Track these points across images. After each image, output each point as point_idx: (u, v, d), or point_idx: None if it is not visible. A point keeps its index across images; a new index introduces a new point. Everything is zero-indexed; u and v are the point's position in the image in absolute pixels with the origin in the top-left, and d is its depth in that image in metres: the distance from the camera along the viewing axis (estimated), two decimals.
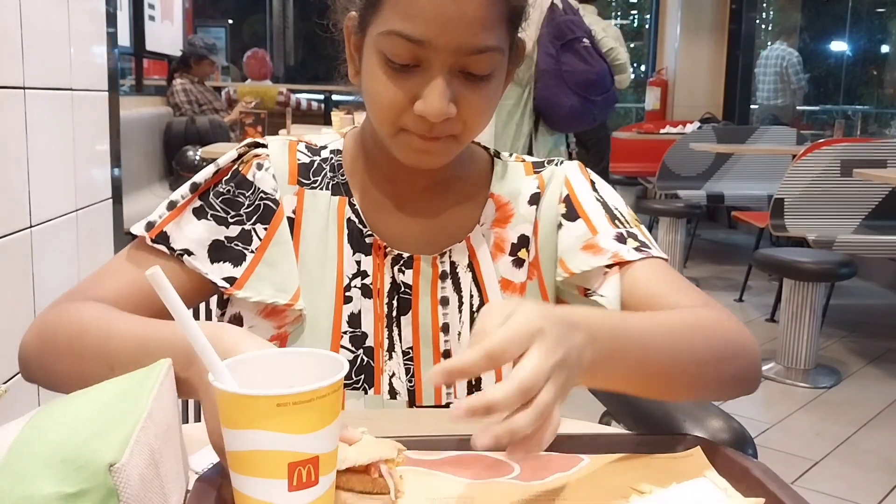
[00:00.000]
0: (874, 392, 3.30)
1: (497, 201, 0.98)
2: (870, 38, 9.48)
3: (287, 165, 0.95)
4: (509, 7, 0.83)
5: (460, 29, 0.79)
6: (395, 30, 0.80)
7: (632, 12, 12.65)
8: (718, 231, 7.23)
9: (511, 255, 0.96)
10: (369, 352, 0.92)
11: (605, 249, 0.92)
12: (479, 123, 0.87)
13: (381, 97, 0.84)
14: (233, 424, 0.55)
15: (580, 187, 0.97)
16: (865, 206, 4.05)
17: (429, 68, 0.81)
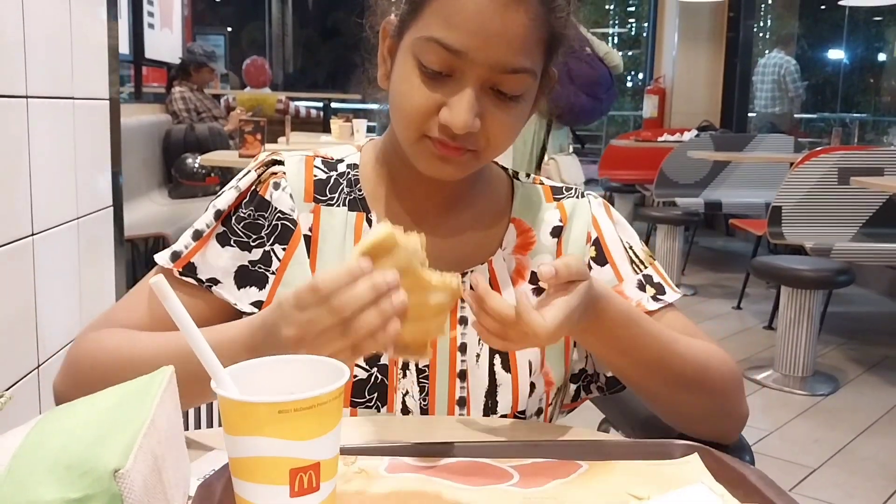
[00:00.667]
0: (872, 399, 3.31)
1: (519, 226, 0.98)
2: (867, 46, 9.52)
3: (303, 183, 0.94)
4: (549, 31, 0.83)
5: (500, 45, 0.79)
6: (435, 37, 0.80)
7: (629, 20, 12.68)
8: (716, 239, 7.24)
9: (531, 284, 0.96)
10: (384, 370, 0.91)
11: (630, 298, 0.94)
12: (502, 143, 0.86)
13: (410, 100, 0.83)
14: (235, 431, 0.56)
15: (608, 230, 0.99)
16: (863, 214, 4.07)
17: (461, 79, 0.81)
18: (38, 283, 1.53)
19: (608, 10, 12.40)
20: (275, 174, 0.94)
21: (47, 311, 1.57)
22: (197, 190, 4.89)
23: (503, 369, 0.93)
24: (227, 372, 0.59)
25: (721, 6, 7.53)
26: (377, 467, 0.71)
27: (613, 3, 12.77)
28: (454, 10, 0.79)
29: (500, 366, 0.93)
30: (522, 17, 0.79)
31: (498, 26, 0.78)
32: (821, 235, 3.92)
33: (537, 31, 0.81)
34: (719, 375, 0.89)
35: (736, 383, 0.91)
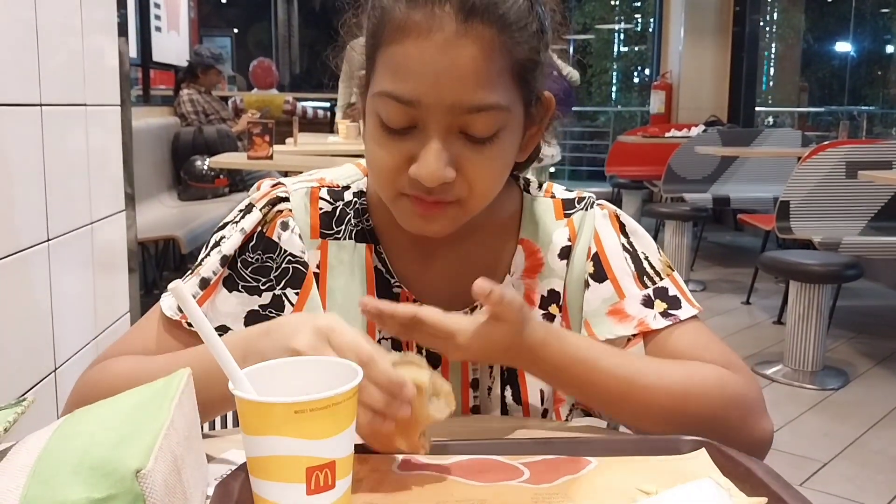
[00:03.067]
0: (882, 393, 3.30)
1: (527, 248, 0.93)
2: (874, 38, 9.48)
3: (309, 219, 0.91)
4: (513, 61, 0.76)
5: (453, 86, 0.74)
6: (386, 90, 0.76)
7: (635, 16, 12.66)
8: (725, 234, 7.23)
9: (541, 309, 0.92)
10: None
11: (632, 316, 0.89)
12: (488, 188, 0.82)
13: (377, 160, 0.80)
14: (252, 431, 0.57)
15: (609, 242, 0.93)
16: (871, 208, 4.06)
17: (425, 129, 0.77)
18: (54, 289, 1.55)
19: (613, 6, 12.38)
20: (280, 212, 0.90)
21: (63, 315, 1.59)
22: (206, 192, 4.91)
23: (514, 401, 0.92)
24: (244, 373, 0.61)
25: (727, 1, 7.51)
26: (390, 465, 0.72)
27: None
28: (399, 59, 0.75)
29: (511, 398, 0.92)
30: (472, 50, 0.73)
31: (446, 67, 0.73)
32: (829, 230, 3.91)
33: (497, 62, 0.75)
34: (706, 404, 0.81)
35: (737, 411, 0.83)
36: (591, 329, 0.90)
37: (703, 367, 0.84)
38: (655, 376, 0.82)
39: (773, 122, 9.67)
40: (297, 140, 4.45)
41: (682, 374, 0.83)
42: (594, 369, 0.80)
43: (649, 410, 0.81)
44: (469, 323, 0.75)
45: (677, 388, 0.81)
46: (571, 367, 0.80)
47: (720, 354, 0.87)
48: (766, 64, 10.26)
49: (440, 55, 0.73)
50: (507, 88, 0.77)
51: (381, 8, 0.77)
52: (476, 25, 0.73)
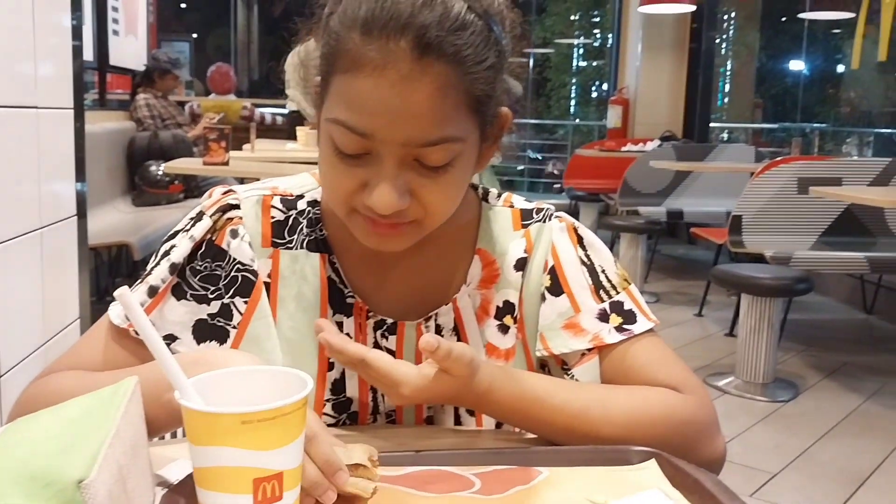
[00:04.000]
0: (831, 405, 3.36)
1: (484, 258, 0.93)
2: (826, 57, 9.71)
3: (260, 227, 0.90)
4: (468, 95, 0.75)
5: (407, 123, 0.73)
6: (340, 119, 0.75)
7: (594, 31, 12.81)
8: (678, 247, 7.34)
9: (496, 319, 0.92)
10: (353, 416, 0.89)
11: (586, 331, 0.89)
12: (442, 210, 0.81)
13: (330, 182, 0.80)
14: (199, 441, 0.56)
15: (566, 255, 0.92)
16: (822, 223, 4.14)
17: (378, 159, 0.76)
18: (1, 295, 1.52)
19: (573, 21, 12.52)
20: (231, 220, 0.89)
21: (9, 322, 1.56)
22: (161, 198, 4.85)
23: (468, 413, 0.92)
24: (191, 383, 0.60)
25: (684, 18, 7.63)
26: None
27: (578, 14, 12.89)
28: (353, 92, 0.74)
29: (465, 409, 0.92)
30: (427, 88, 0.72)
31: (400, 104, 0.72)
32: (780, 244, 3.98)
33: (452, 98, 0.74)
34: (653, 433, 0.82)
35: (684, 438, 0.83)
36: (547, 342, 0.91)
37: (652, 395, 0.85)
38: (602, 409, 0.82)
39: (727, 137, 9.85)
40: (254, 146, 4.42)
41: (630, 404, 0.84)
42: (543, 408, 0.81)
43: (597, 441, 0.81)
44: (415, 375, 0.75)
45: (624, 419, 0.82)
46: (520, 409, 0.81)
47: (674, 374, 0.88)
48: (721, 80, 10.45)
49: (394, 92, 0.72)
50: (463, 120, 0.76)
51: (336, 35, 0.76)
52: (431, 63, 0.72)
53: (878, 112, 9.53)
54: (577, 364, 0.90)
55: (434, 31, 0.71)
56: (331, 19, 0.77)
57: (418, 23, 0.71)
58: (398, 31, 0.71)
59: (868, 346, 4.33)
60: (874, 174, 4.07)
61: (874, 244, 4.11)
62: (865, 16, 6.75)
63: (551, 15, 13.32)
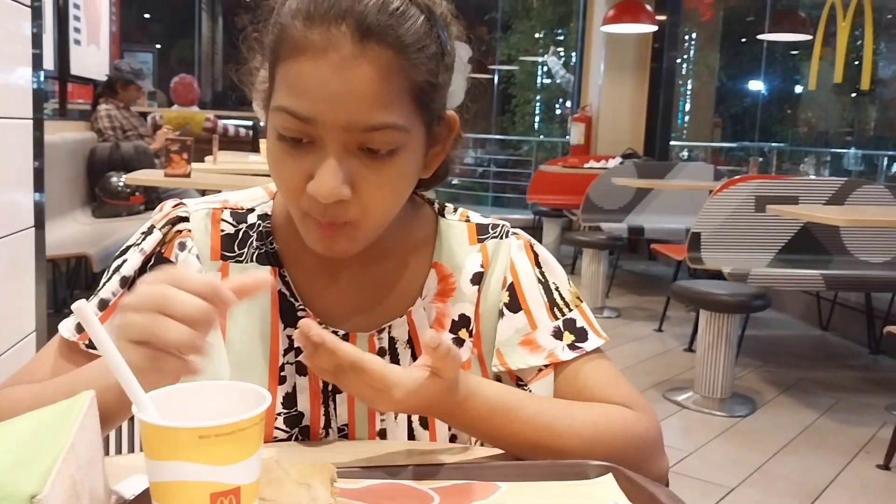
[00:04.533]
0: (787, 420, 3.42)
1: (440, 272, 0.93)
2: (784, 78, 9.91)
3: (209, 240, 0.89)
4: (410, 82, 0.76)
5: (349, 106, 0.74)
6: (283, 106, 0.76)
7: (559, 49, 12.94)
8: (639, 263, 7.42)
9: (451, 333, 0.92)
10: (305, 431, 0.89)
11: (542, 347, 0.91)
12: (381, 209, 0.81)
13: (278, 176, 0.80)
14: (156, 455, 0.56)
15: (524, 272, 0.93)
16: (779, 241, 4.22)
17: (322, 145, 0.76)
18: None
19: (537, 39, 12.65)
20: (180, 233, 0.89)
21: None
22: (121, 209, 4.80)
23: (421, 426, 0.92)
24: (149, 397, 0.60)
25: (646, 38, 7.74)
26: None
27: (543, 32, 13.02)
28: (296, 77, 0.75)
29: (418, 422, 0.91)
30: (368, 72, 0.73)
31: (341, 87, 0.73)
32: (738, 261, 4.05)
33: (394, 84, 0.75)
34: (613, 446, 0.84)
35: (638, 452, 0.87)
36: (504, 358, 0.91)
37: (611, 411, 0.87)
38: (568, 422, 0.84)
39: (687, 155, 10.00)
40: (216, 158, 4.40)
41: (592, 418, 0.86)
42: (514, 420, 0.82)
43: (561, 455, 0.82)
44: (409, 378, 0.74)
45: (588, 432, 0.84)
46: (491, 420, 0.82)
47: (625, 393, 0.90)
48: (682, 100, 10.62)
49: (336, 75, 0.73)
50: (406, 110, 0.77)
51: (281, 25, 0.77)
52: (372, 47, 0.73)
53: (834, 132, 9.75)
54: (534, 380, 0.91)
55: (374, 16, 0.73)
56: (277, 15, 0.79)
57: (359, 9, 0.73)
58: (339, 16, 0.73)
59: (823, 362, 4.41)
60: (830, 193, 4.16)
61: (830, 262, 4.19)
62: (822, 38, 6.91)
63: (516, 32, 13.45)
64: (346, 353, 0.73)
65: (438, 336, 0.73)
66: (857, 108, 9.34)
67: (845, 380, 4.04)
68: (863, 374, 4.18)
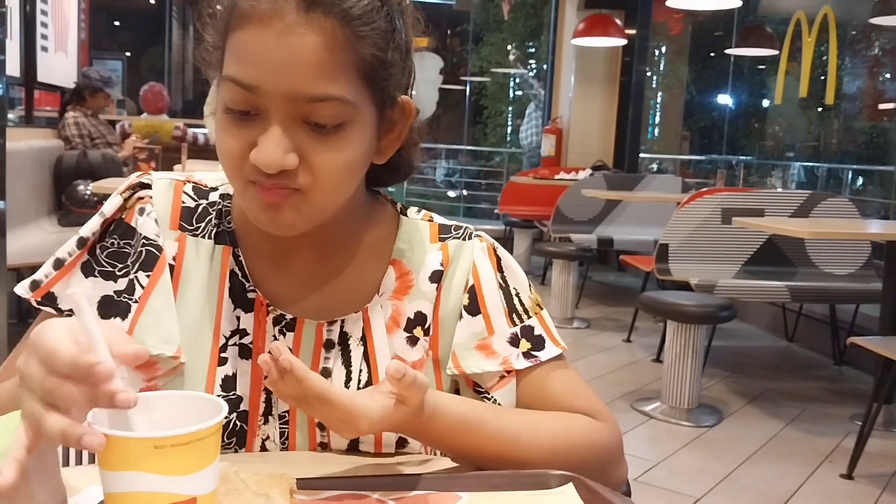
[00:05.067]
0: (754, 430, 3.45)
1: (398, 269, 0.92)
2: (751, 92, 10.04)
3: (170, 208, 0.90)
4: (356, 56, 0.76)
5: (291, 74, 0.73)
6: (229, 75, 0.76)
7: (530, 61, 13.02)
8: (609, 273, 7.48)
9: (406, 332, 0.91)
10: (243, 416, 0.87)
11: (498, 353, 0.90)
12: (333, 180, 0.79)
13: (222, 147, 0.79)
14: (110, 466, 0.56)
15: (486, 277, 0.92)
16: (745, 253, 4.26)
17: (266, 116, 0.76)
18: None
19: (509, 51, 12.71)
20: (141, 199, 0.90)
21: None
22: (88, 218, 4.70)
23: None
24: None
25: (616, 51, 7.82)
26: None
27: (514, 44, 13.09)
28: (243, 45, 0.75)
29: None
30: (313, 40, 0.73)
31: (285, 55, 0.73)
32: (705, 272, 4.08)
33: (339, 55, 0.74)
34: (575, 455, 0.85)
35: (600, 461, 0.88)
36: (458, 361, 0.90)
37: (573, 423, 0.88)
38: (532, 435, 0.85)
39: (656, 168, 10.09)
40: (185, 166, 4.36)
41: (555, 430, 0.86)
42: (478, 435, 0.82)
43: (524, 466, 0.83)
44: (375, 408, 0.73)
45: (550, 444, 0.85)
46: (456, 435, 0.82)
47: (588, 402, 0.91)
48: (651, 113, 10.72)
49: (280, 43, 0.73)
50: (353, 84, 0.76)
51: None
52: (318, 16, 0.73)
53: (800, 146, 9.89)
54: (496, 388, 0.90)
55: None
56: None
57: None
58: None
59: (789, 373, 4.46)
60: (795, 206, 4.22)
61: (795, 274, 4.25)
62: (788, 53, 7.02)
63: (488, 45, 13.53)
64: (312, 385, 0.70)
65: (402, 366, 0.72)
66: (822, 123, 9.49)
67: (810, 390, 4.09)
68: (827, 384, 4.23)
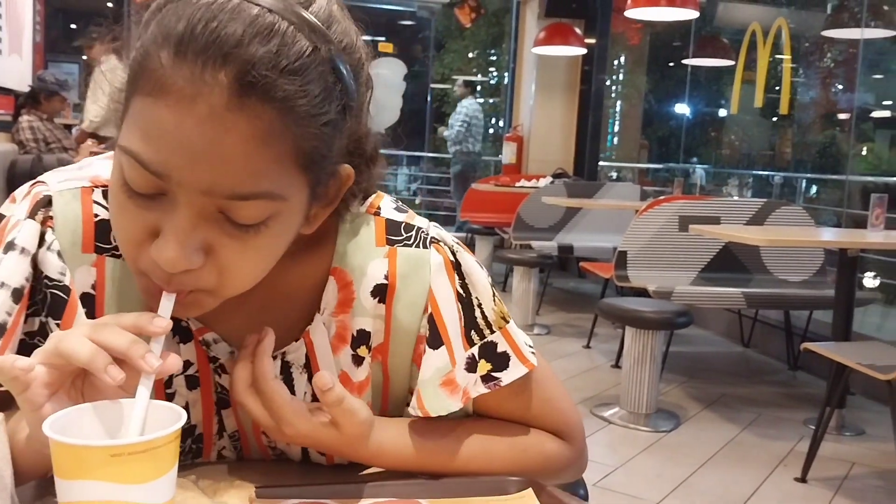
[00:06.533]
0: (710, 434, 3.49)
1: (340, 279, 0.79)
2: (708, 102, 10.19)
3: (80, 228, 0.75)
4: (295, 147, 0.62)
5: (212, 168, 0.60)
6: (132, 151, 0.61)
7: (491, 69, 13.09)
8: (569, 280, 7.53)
9: (352, 349, 0.81)
10: (198, 439, 0.84)
11: (459, 386, 0.80)
12: (243, 279, 0.67)
13: (118, 228, 0.66)
14: (66, 475, 0.55)
15: (445, 301, 0.80)
16: (701, 260, 4.32)
17: (173, 202, 0.62)
18: None
19: (471, 59, 12.77)
20: (42, 222, 0.74)
21: None
22: None
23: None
24: (60, 415, 0.58)
25: (575, 60, 7.90)
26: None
27: (476, 52, 13.16)
28: (152, 121, 0.60)
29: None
30: (243, 132, 0.59)
31: (206, 145, 0.59)
32: (663, 279, 4.13)
33: (275, 150, 0.61)
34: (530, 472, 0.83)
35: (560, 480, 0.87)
36: (423, 403, 0.80)
37: (530, 447, 0.85)
38: (485, 462, 0.83)
39: (615, 176, 10.20)
40: None
41: (510, 455, 0.84)
42: (429, 466, 0.81)
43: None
44: (303, 419, 0.72)
45: (505, 471, 0.82)
46: (404, 467, 0.80)
47: (556, 418, 0.87)
48: (610, 121, 10.84)
49: (202, 130, 0.59)
50: (287, 176, 0.63)
51: (145, 49, 0.62)
52: (254, 104, 0.59)
53: (756, 154, 10.05)
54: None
55: (263, 68, 0.59)
56: (143, 31, 0.64)
57: (246, 55, 0.58)
58: (219, 59, 0.58)
59: (744, 378, 4.53)
60: (751, 214, 4.30)
61: (750, 280, 4.32)
62: (743, 64, 7.15)
63: (450, 52, 13.57)
64: (258, 368, 0.71)
65: (331, 379, 0.71)
66: (777, 132, 9.66)
67: (765, 395, 4.15)
68: (782, 389, 4.30)
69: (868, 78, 7.65)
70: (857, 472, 3.13)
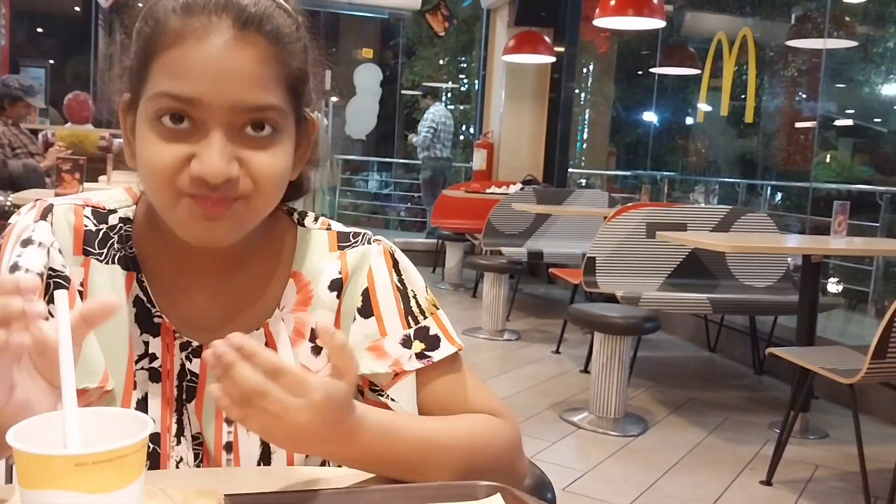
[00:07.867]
0: (677, 439, 3.52)
1: (298, 281, 0.92)
2: (675, 110, 10.29)
3: (72, 233, 0.88)
4: (287, 70, 0.81)
5: (234, 84, 0.77)
6: (164, 90, 0.77)
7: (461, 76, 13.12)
8: (539, 286, 7.56)
9: (311, 342, 0.91)
10: (155, 438, 0.86)
11: (389, 355, 0.90)
12: (272, 185, 0.81)
13: (154, 162, 0.78)
14: (30, 484, 0.55)
15: (381, 279, 0.93)
16: (668, 266, 4.37)
17: (205, 127, 0.77)
18: None
19: (441, 66, 12.80)
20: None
21: None
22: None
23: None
24: (23, 424, 0.58)
25: (545, 68, 7.94)
26: None
27: (447, 59, 13.19)
28: (178, 60, 0.77)
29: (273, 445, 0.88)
30: (251, 53, 0.78)
31: (227, 66, 0.77)
32: (630, 285, 4.17)
33: (272, 69, 0.79)
34: (487, 454, 0.88)
35: (508, 455, 0.91)
36: None
37: (481, 422, 0.90)
38: (451, 433, 0.86)
39: (584, 183, 10.27)
40: (110, 178, 4.27)
41: (469, 427, 0.89)
42: (401, 439, 0.81)
43: (444, 469, 0.83)
44: (324, 381, 0.71)
45: (468, 442, 0.87)
46: (383, 440, 0.79)
47: (486, 401, 0.94)
48: (579, 129, 10.91)
49: (220, 56, 0.77)
50: (283, 96, 0.81)
51: (155, 20, 0.79)
52: (252, 34, 0.78)
53: (722, 162, 10.17)
54: (390, 385, 0.90)
55: (252, 8, 0.79)
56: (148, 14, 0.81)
57: (239, 4, 0.78)
58: (219, 9, 0.78)
59: (711, 383, 4.57)
60: (717, 220, 4.35)
61: (716, 286, 4.37)
62: (709, 73, 7.24)
63: (420, 59, 13.58)
64: (263, 359, 0.69)
65: (332, 325, 0.73)
66: (743, 140, 9.78)
67: (731, 399, 4.20)
68: (748, 393, 4.36)
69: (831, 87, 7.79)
70: (820, 474, 3.18)
